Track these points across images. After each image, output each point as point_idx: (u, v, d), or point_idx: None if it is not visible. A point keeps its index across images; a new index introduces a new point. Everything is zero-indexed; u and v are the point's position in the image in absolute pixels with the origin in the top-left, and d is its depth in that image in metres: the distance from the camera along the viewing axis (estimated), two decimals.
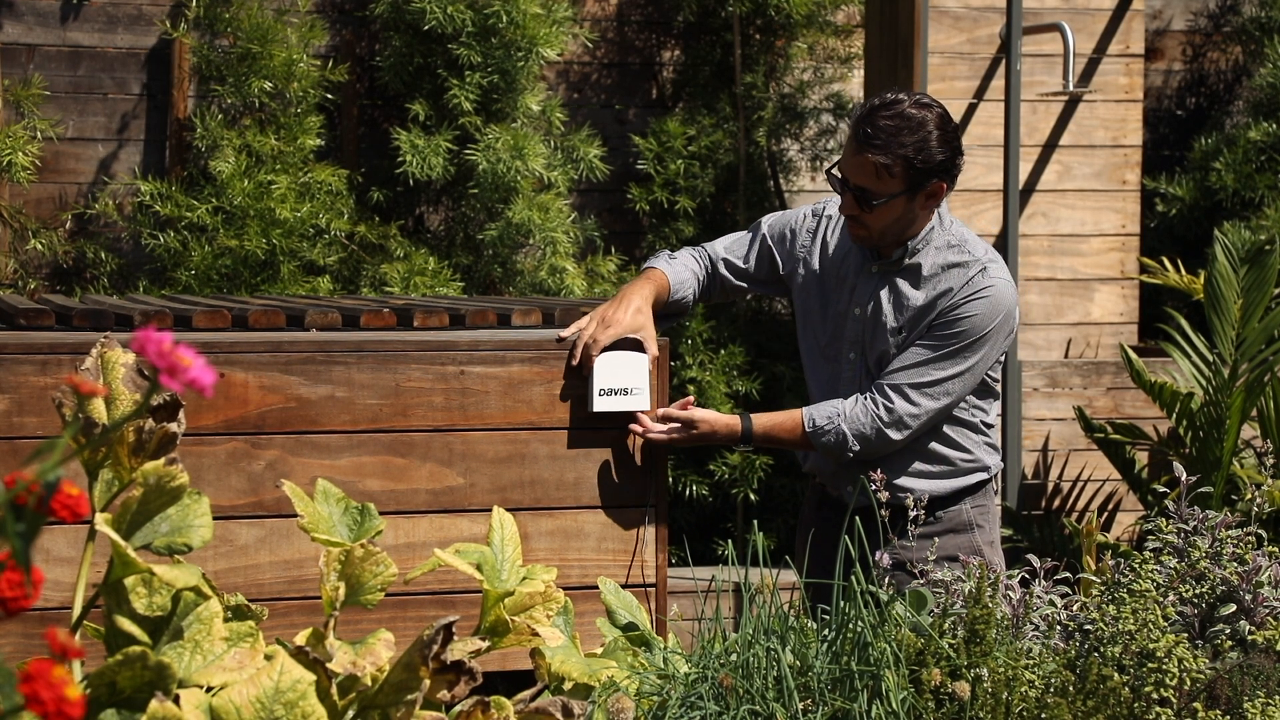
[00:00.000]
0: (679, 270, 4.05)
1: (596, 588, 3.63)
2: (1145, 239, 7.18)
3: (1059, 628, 3.59)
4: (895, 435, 3.87)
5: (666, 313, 4.06)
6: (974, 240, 3.95)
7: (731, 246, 4.14)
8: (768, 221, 4.12)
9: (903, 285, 3.90)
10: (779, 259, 4.07)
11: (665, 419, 3.87)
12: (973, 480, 4.03)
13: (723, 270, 4.11)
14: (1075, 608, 3.63)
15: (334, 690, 2.89)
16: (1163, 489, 6.04)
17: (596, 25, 7.03)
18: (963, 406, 3.99)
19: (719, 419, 3.94)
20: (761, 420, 3.97)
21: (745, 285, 4.15)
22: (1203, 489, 5.47)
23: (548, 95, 6.74)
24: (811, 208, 4.10)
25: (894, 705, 3.26)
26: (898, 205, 3.79)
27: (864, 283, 3.93)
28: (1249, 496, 4.63)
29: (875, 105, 3.85)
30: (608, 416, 3.92)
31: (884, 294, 3.91)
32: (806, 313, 4.04)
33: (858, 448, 3.88)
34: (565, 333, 3.96)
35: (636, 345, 3.92)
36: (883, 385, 3.87)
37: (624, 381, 3.91)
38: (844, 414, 3.88)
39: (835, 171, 3.88)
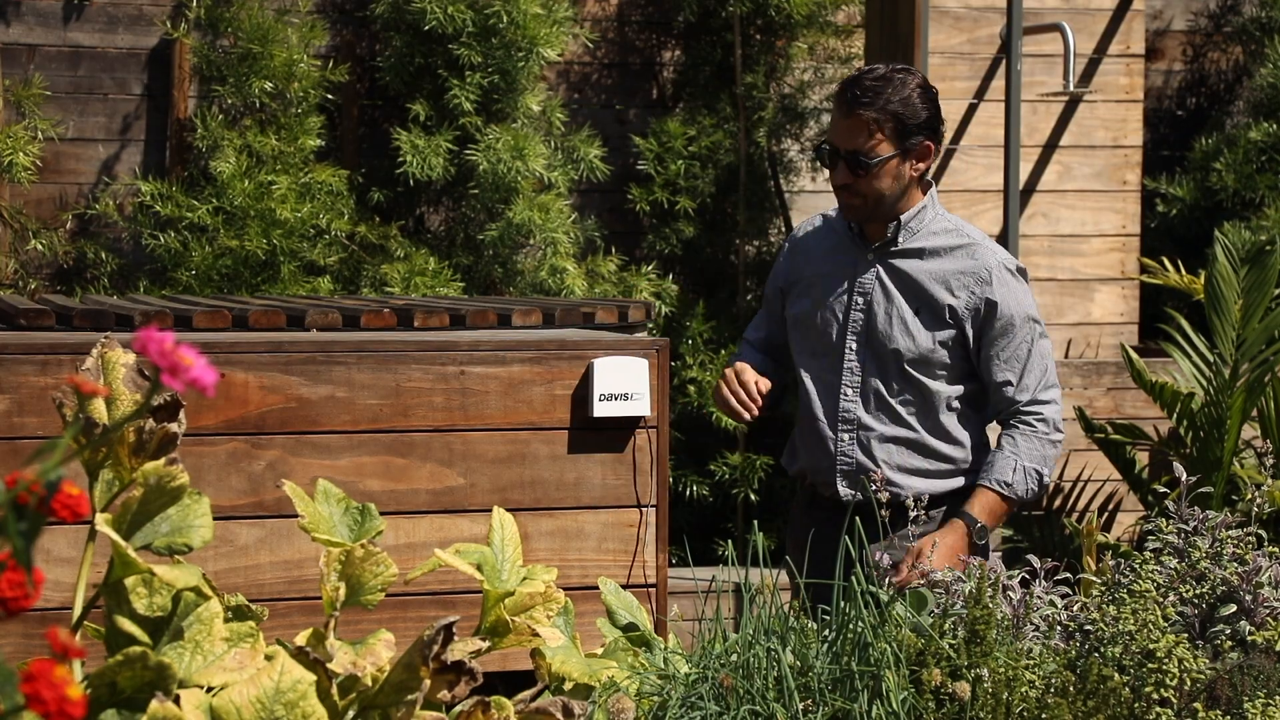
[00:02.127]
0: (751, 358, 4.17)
1: (597, 588, 3.64)
2: (1145, 239, 7.18)
3: (1059, 628, 3.60)
4: (1061, 436, 4.05)
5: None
6: (965, 223, 4.06)
7: (758, 324, 4.28)
8: (768, 282, 4.28)
9: (905, 265, 3.94)
10: (784, 300, 4.14)
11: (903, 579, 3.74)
12: (970, 481, 4.05)
13: (768, 344, 4.20)
14: (1075, 608, 3.64)
15: (334, 690, 2.89)
16: (1163, 489, 6.04)
17: (597, 25, 7.04)
18: (965, 409, 4.01)
19: (950, 546, 3.92)
20: (979, 515, 3.96)
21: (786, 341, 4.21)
22: (1203, 489, 5.47)
23: (548, 95, 6.74)
24: (784, 243, 4.26)
25: (894, 705, 3.26)
26: (891, 168, 3.85)
27: (864, 271, 3.96)
28: (1249, 497, 4.63)
29: (858, 73, 3.95)
30: (608, 418, 3.92)
31: (888, 277, 3.94)
32: (799, 319, 4.07)
33: (1048, 470, 4.00)
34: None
35: (636, 352, 3.92)
36: (1018, 410, 3.98)
37: (624, 387, 3.92)
38: (1019, 457, 3.96)
39: (825, 144, 3.93)
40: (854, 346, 3.97)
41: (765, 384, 4.01)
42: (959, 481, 4.02)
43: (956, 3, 6.74)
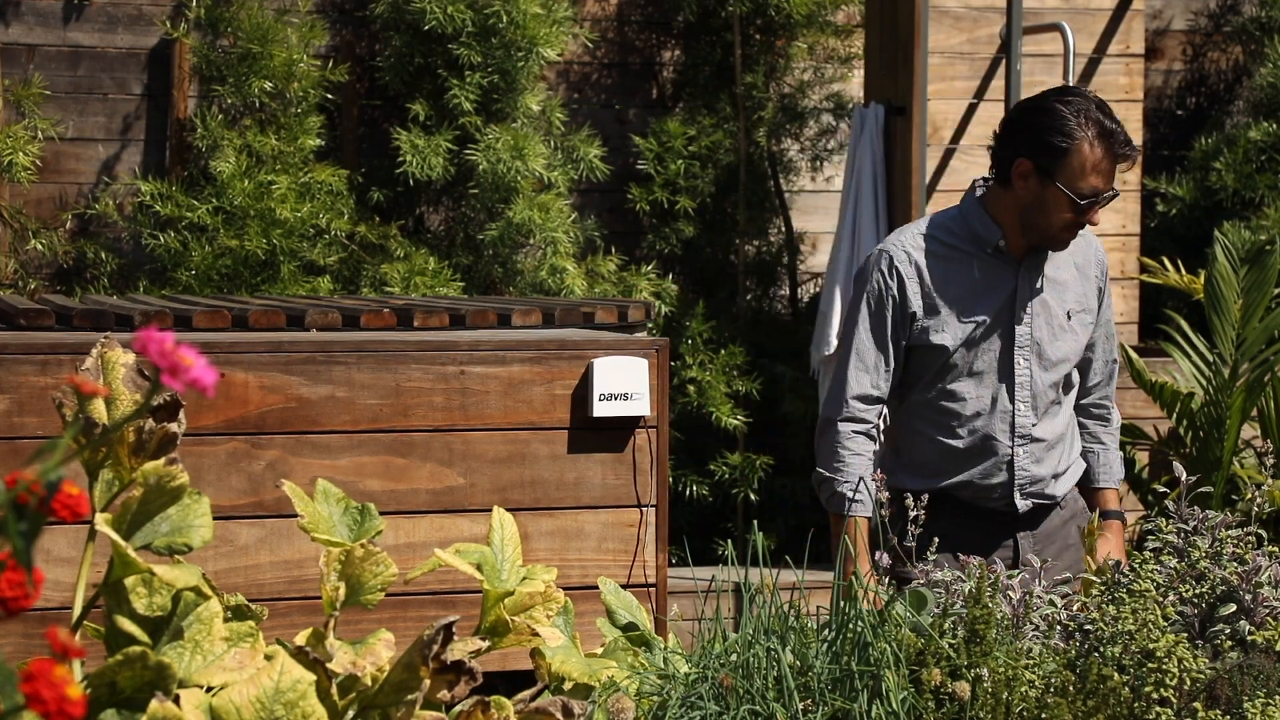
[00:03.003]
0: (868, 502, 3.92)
1: (597, 588, 3.64)
2: (1145, 239, 7.19)
3: (1059, 628, 3.60)
4: None
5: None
6: None
7: (868, 383, 3.92)
8: (868, 328, 3.90)
9: (1050, 270, 3.93)
10: (911, 329, 3.92)
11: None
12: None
13: (879, 401, 3.96)
14: (1075, 607, 3.64)
15: (334, 690, 2.89)
16: (1163, 489, 6.04)
17: (596, 25, 7.04)
18: None
19: (1121, 546, 4.09)
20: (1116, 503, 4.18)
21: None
22: (1203, 489, 5.47)
23: (548, 95, 6.74)
24: (875, 275, 3.91)
25: (894, 705, 3.26)
26: None
27: (1019, 285, 3.91)
28: (1249, 496, 4.63)
29: (1112, 124, 3.78)
30: (607, 418, 3.93)
31: (1041, 287, 3.93)
32: (948, 344, 3.89)
33: None
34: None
35: (636, 352, 3.92)
36: (1106, 400, 4.16)
37: (623, 387, 3.92)
38: (1117, 453, 4.17)
39: (1107, 193, 3.80)
40: (1023, 362, 3.93)
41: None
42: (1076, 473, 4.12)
43: (956, 3, 6.74)
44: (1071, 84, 6.72)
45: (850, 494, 3.87)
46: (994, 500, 4.00)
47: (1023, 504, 3.98)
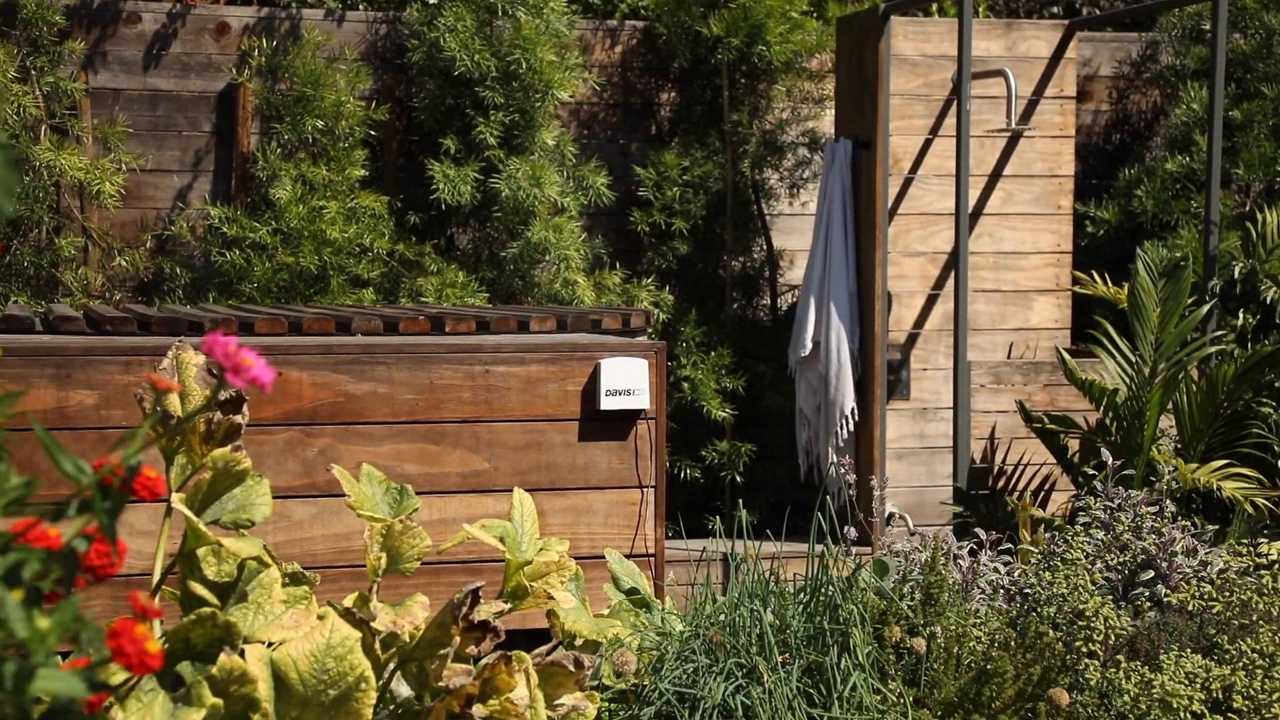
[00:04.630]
0: None
1: (603, 557, 3.64)
2: (1077, 256, 7.18)
3: (1002, 591, 3.61)
4: None
5: None
6: None
7: None
8: None
9: None
10: None
11: None
12: None
13: None
14: (1016, 574, 3.65)
15: (377, 646, 2.90)
16: (1091, 471, 6.03)
17: (603, 71, 7.04)
18: None
19: None
20: None
21: None
22: (1126, 472, 5.47)
23: (561, 131, 6.74)
24: None
25: (860, 658, 3.26)
26: None
27: None
28: (1165, 478, 4.62)
29: None
30: (613, 410, 3.93)
31: None
32: None
33: None
34: None
35: (637, 354, 3.92)
36: None
37: (627, 384, 3.93)
38: None
39: None
40: None
41: None
42: None
43: (914, 51, 6.74)
44: (1013, 122, 6.72)
45: None
46: None
47: None
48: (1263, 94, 7.22)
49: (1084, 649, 3.33)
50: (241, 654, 2.74)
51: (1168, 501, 4.20)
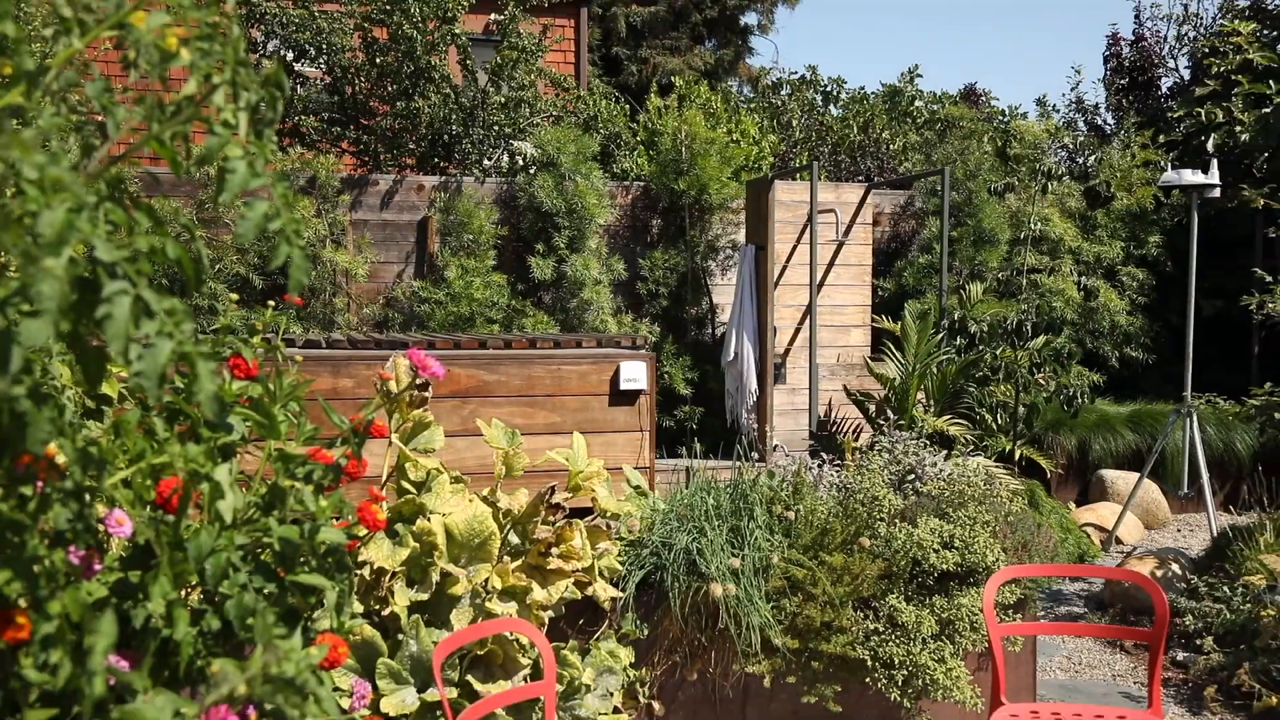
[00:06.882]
0: None
1: (622, 469, 3.61)
2: (874, 308, 7.15)
3: (835, 486, 3.57)
4: None
5: None
6: None
7: None
8: None
9: None
10: None
11: None
12: None
13: None
14: (842, 477, 3.61)
15: (500, 516, 2.87)
16: (882, 422, 6.01)
17: (622, 208, 7.01)
18: None
19: None
20: None
21: None
22: (900, 422, 5.44)
23: (599, 240, 6.72)
24: None
25: (759, 522, 3.23)
26: None
27: None
28: (920, 425, 4.57)
29: None
30: (627, 390, 3.90)
31: None
32: None
33: None
34: None
35: (640, 359, 3.89)
36: None
37: (635, 375, 3.90)
38: None
39: None
40: None
41: None
42: None
43: (786, 197, 6.71)
44: (840, 235, 6.69)
45: None
46: None
47: None
48: (966, 223, 7.21)
49: (878, 516, 3.30)
50: (428, 519, 2.73)
51: (922, 438, 4.17)
